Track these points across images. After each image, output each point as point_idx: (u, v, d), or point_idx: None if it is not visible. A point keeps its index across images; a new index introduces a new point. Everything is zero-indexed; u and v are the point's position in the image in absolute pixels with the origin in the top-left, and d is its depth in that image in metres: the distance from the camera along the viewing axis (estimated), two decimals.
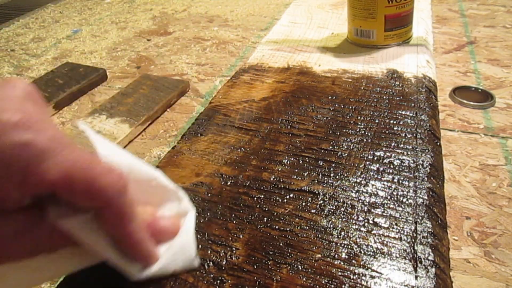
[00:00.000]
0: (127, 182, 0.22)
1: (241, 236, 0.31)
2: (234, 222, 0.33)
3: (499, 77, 0.94)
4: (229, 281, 0.28)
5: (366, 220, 0.32)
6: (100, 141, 0.25)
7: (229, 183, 0.36)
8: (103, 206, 0.22)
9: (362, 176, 0.36)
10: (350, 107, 0.45)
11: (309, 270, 0.29)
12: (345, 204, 0.33)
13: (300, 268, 0.29)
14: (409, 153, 0.38)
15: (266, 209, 0.34)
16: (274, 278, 0.28)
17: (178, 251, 0.28)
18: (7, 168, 0.19)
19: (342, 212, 0.33)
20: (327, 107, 0.46)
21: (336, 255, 0.29)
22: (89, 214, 0.23)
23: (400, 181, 0.35)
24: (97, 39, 1.37)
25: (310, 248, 0.30)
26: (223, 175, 0.37)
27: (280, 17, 0.74)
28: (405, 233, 0.31)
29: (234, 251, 0.30)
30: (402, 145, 0.39)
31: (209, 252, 0.30)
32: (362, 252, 0.30)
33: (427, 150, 0.38)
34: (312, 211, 0.33)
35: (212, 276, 0.29)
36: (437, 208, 0.33)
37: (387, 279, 0.28)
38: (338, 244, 0.30)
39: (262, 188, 0.36)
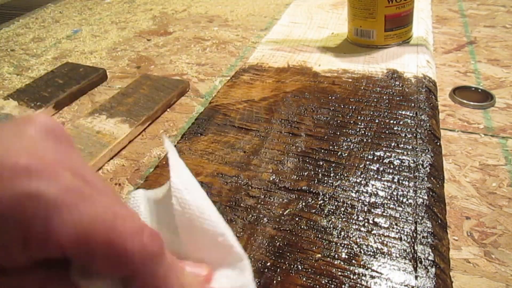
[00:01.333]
0: (163, 246, 0.18)
1: (241, 236, 0.31)
2: (234, 221, 0.33)
3: (499, 77, 0.94)
4: None
5: (366, 220, 0.32)
6: (178, 168, 0.22)
7: (229, 183, 0.36)
8: (130, 275, 0.17)
9: (362, 176, 0.36)
10: (350, 107, 0.45)
11: (309, 270, 0.28)
12: (345, 204, 0.33)
13: (300, 268, 0.29)
14: (409, 153, 0.38)
15: (266, 209, 0.34)
16: (274, 278, 0.28)
17: None
18: (5, 224, 0.15)
19: (342, 212, 0.33)
20: (327, 107, 0.46)
21: (336, 255, 0.29)
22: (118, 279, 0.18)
23: (400, 181, 0.35)
24: (97, 39, 1.37)
25: (310, 248, 0.30)
26: (223, 175, 0.37)
27: (280, 17, 0.74)
28: (405, 233, 0.31)
29: None
30: (402, 145, 0.39)
31: None
32: (362, 252, 0.30)
33: (427, 150, 0.38)
34: (312, 211, 0.33)
35: None
36: (437, 208, 0.33)
37: (387, 279, 0.28)
38: (338, 244, 0.30)
39: (262, 188, 0.36)
